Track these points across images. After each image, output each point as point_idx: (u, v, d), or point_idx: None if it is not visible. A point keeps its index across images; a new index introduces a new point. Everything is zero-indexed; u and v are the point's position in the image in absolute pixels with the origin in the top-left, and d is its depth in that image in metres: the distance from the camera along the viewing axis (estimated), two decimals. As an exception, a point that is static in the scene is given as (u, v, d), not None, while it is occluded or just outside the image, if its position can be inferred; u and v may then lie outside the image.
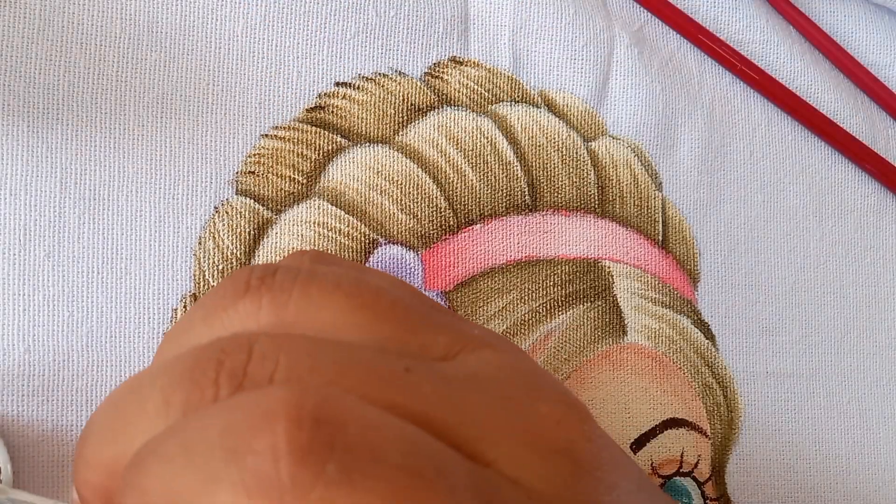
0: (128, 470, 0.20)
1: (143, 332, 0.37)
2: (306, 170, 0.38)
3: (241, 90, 0.38)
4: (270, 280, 0.23)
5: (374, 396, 0.20)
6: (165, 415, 0.21)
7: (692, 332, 0.40)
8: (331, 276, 0.23)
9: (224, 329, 0.23)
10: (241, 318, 0.23)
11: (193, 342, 0.23)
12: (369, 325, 0.22)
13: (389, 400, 0.20)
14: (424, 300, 0.25)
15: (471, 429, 0.21)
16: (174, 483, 0.19)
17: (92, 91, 0.36)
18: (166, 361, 0.22)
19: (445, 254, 0.39)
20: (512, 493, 0.20)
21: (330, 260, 0.27)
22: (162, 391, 0.21)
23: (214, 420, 0.19)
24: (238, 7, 0.38)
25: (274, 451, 0.18)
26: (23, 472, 0.35)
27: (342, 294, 0.23)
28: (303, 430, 0.19)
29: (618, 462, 0.24)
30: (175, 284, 0.37)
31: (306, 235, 0.38)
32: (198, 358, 0.21)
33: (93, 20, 0.36)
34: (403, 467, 0.19)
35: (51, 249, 0.36)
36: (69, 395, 0.36)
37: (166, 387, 0.21)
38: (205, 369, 0.21)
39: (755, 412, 0.41)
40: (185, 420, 0.20)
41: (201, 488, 0.19)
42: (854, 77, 0.46)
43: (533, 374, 0.23)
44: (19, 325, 0.35)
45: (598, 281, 0.40)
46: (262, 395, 0.19)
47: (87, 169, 0.36)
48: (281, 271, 0.23)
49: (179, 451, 0.19)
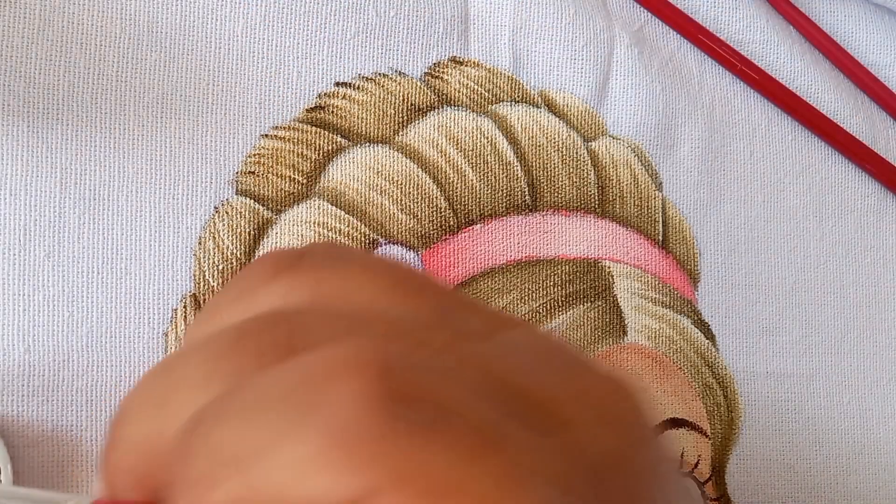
0: (185, 438, 0.20)
1: (143, 332, 0.37)
2: (306, 170, 0.38)
3: (241, 90, 0.38)
4: (300, 262, 0.23)
5: (433, 360, 0.20)
6: (207, 387, 0.20)
7: (692, 332, 0.40)
8: (358, 257, 0.23)
9: (259, 308, 0.22)
10: (275, 298, 0.22)
11: (226, 323, 0.22)
12: (406, 302, 0.22)
13: (450, 363, 0.20)
14: (446, 286, 0.25)
15: (540, 391, 0.20)
16: (246, 440, 0.19)
17: (92, 91, 0.36)
18: (200, 340, 0.21)
19: (445, 254, 0.39)
20: (586, 458, 0.20)
21: (344, 248, 0.26)
22: (204, 364, 0.21)
23: (282, 376, 0.19)
24: (238, 7, 0.38)
25: (353, 399, 0.18)
26: (23, 472, 0.35)
27: (374, 273, 0.22)
28: (381, 380, 0.18)
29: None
30: (175, 284, 0.37)
31: (306, 235, 0.38)
32: (241, 330, 0.21)
33: (93, 20, 0.36)
34: (483, 426, 0.18)
35: (51, 249, 0.36)
36: (69, 395, 0.36)
37: (209, 360, 0.21)
38: (252, 338, 0.20)
39: (755, 412, 0.41)
40: (245, 383, 0.20)
41: (278, 441, 0.18)
42: (854, 77, 0.46)
43: (572, 352, 0.23)
44: (19, 325, 0.35)
45: (599, 281, 0.40)
46: (330, 351, 0.19)
47: (87, 169, 0.36)
48: (309, 254, 0.23)
49: (249, 409, 0.19)
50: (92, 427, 0.36)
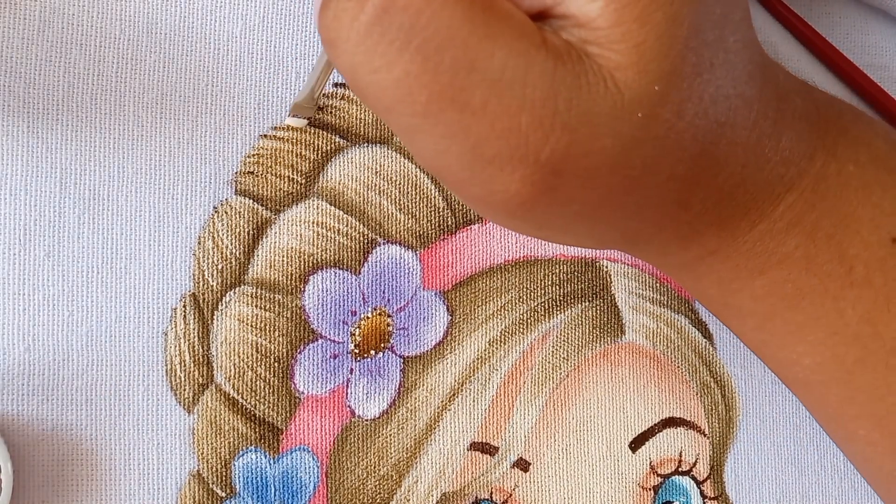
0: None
1: (142, 332, 0.37)
2: (305, 170, 0.38)
3: (240, 91, 0.38)
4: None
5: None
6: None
7: (690, 331, 0.41)
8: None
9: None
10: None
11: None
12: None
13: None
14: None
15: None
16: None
17: (91, 92, 0.36)
18: None
19: (444, 253, 0.39)
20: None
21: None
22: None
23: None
24: (237, 8, 0.38)
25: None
26: (23, 472, 0.35)
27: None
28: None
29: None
30: (175, 284, 0.37)
31: (305, 235, 0.38)
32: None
33: (92, 21, 0.36)
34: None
35: (51, 249, 0.36)
36: (69, 394, 0.36)
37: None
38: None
39: (753, 411, 0.41)
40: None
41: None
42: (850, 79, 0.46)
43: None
44: (19, 324, 0.36)
45: (597, 280, 0.40)
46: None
47: (87, 169, 0.36)
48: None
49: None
50: (92, 426, 0.36)
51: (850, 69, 0.46)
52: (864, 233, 0.31)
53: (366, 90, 0.26)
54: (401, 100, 0.25)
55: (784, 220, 0.30)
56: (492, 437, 0.39)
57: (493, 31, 0.25)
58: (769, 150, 0.29)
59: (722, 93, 0.27)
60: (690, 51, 0.26)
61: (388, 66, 0.25)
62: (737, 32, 0.28)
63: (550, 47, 0.25)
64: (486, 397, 0.39)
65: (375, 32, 0.25)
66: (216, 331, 0.37)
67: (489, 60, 0.25)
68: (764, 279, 0.31)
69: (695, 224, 0.30)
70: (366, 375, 0.38)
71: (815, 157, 0.31)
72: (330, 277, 0.38)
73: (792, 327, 0.32)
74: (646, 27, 0.25)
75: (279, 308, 0.37)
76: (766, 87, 0.29)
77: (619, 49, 0.25)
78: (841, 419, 0.33)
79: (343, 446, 0.38)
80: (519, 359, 0.39)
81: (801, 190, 0.30)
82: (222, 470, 0.37)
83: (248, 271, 0.37)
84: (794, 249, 0.31)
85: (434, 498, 0.38)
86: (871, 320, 0.31)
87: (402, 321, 0.38)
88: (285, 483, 0.37)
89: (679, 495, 0.40)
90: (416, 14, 0.25)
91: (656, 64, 0.26)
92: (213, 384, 0.37)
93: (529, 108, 0.25)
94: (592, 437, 0.39)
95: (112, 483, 0.36)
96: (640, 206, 0.28)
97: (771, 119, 0.29)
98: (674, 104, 0.26)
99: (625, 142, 0.26)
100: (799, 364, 0.32)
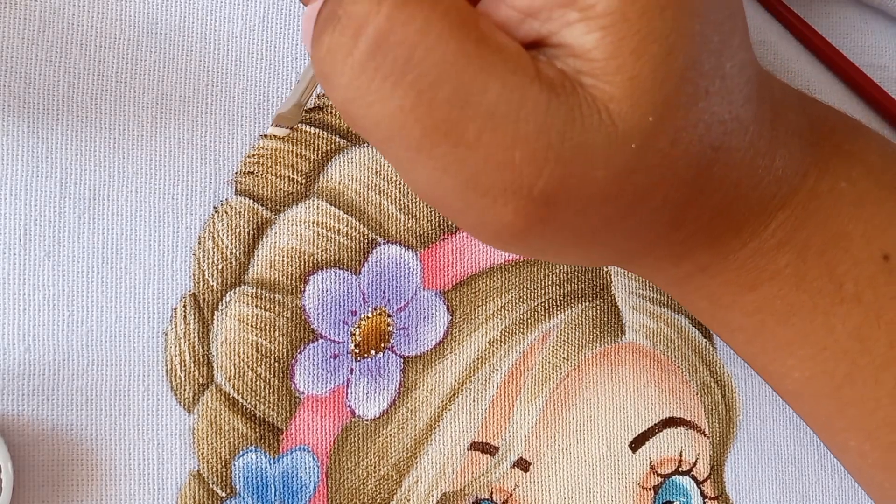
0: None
1: (142, 332, 0.37)
2: (305, 170, 0.38)
3: (240, 91, 0.38)
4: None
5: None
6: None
7: (690, 331, 0.41)
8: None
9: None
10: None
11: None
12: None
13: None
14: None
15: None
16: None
17: (91, 92, 0.36)
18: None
19: (444, 253, 0.39)
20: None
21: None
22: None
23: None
24: (237, 8, 0.38)
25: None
26: (23, 471, 0.35)
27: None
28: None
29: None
30: (175, 284, 0.37)
31: (305, 235, 0.38)
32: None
33: (92, 22, 0.37)
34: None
35: (51, 249, 0.36)
36: (69, 394, 0.36)
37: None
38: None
39: (753, 411, 0.41)
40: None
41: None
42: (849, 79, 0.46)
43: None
44: (19, 324, 0.36)
45: (597, 280, 0.40)
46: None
47: (87, 169, 0.36)
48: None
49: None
50: (92, 426, 0.36)
51: (850, 69, 0.46)
52: (855, 249, 0.31)
53: (360, 123, 0.26)
54: (395, 133, 0.25)
55: (775, 237, 0.30)
56: (492, 437, 0.39)
57: (486, 65, 0.25)
58: (762, 169, 0.29)
59: (717, 118, 0.27)
60: (686, 81, 0.26)
61: (382, 100, 0.25)
62: (734, 57, 0.28)
63: (544, 79, 0.25)
64: (487, 397, 0.39)
65: (370, 68, 0.25)
66: (216, 331, 0.37)
67: (483, 95, 0.25)
68: (754, 295, 0.31)
69: (687, 243, 0.30)
70: (366, 375, 0.38)
71: (808, 175, 0.31)
72: (330, 277, 0.38)
73: (782, 342, 0.32)
74: (641, 59, 0.25)
75: (279, 308, 0.37)
76: (761, 107, 0.29)
77: (613, 81, 0.25)
78: (832, 430, 0.33)
79: (343, 446, 0.38)
80: (519, 359, 0.39)
81: (793, 207, 0.30)
82: (222, 470, 0.37)
83: (248, 271, 0.37)
84: (785, 267, 0.31)
85: (434, 498, 0.38)
86: (860, 336, 0.31)
87: (403, 321, 0.38)
88: (285, 483, 0.37)
89: (679, 495, 0.40)
90: (411, 49, 0.25)
91: (650, 96, 0.25)
92: (213, 384, 0.37)
93: (523, 141, 0.25)
94: (593, 437, 0.39)
95: (112, 483, 0.36)
96: (633, 229, 0.28)
97: (766, 139, 0.29)
98: (668, 134, 0.26)
99: (618, 172, 0.26)
100: (789, 377, 0.33)
